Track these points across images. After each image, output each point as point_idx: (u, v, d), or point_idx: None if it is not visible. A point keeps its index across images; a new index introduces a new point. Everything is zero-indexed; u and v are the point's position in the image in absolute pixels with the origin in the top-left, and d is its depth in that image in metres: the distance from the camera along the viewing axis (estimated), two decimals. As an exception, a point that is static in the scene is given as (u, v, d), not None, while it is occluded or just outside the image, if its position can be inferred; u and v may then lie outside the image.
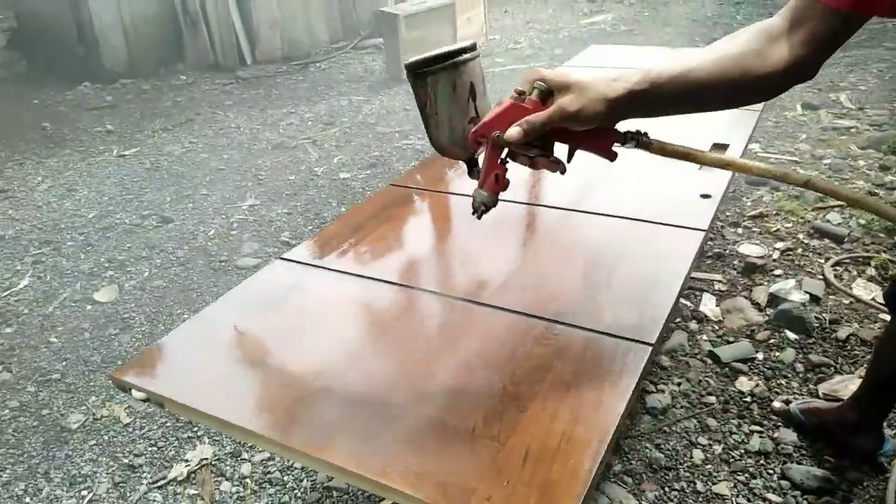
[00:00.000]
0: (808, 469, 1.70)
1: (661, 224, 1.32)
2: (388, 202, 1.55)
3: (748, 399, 1.96)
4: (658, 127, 0.93)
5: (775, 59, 0.87)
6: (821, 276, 2.43)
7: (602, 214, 1.38)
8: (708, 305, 2.36)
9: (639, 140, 0.96)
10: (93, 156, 4.35)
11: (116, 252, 3.16)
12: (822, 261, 2.52)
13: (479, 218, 0.98)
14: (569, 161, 0.98)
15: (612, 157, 0.97)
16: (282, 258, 1.38)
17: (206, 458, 1.97)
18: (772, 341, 2.17)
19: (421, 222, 1.46)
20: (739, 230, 2.79)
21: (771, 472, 1.73)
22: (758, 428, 1.87)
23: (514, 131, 0.90)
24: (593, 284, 1.17)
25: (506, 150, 0.96)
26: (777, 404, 1.91)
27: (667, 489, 1.72)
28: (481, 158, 0.96)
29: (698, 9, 6.64)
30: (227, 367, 1.06)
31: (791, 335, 2.18)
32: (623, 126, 0.95)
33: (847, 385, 1.92)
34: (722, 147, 1.62)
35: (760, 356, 2.12)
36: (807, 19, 0.85)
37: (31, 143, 4.64)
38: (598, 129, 0.93)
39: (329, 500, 1.79)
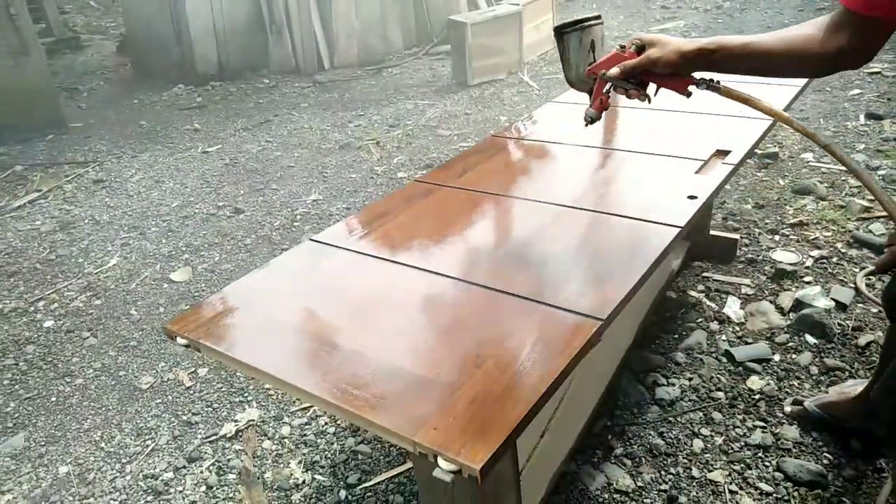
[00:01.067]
0: (803, 463, 1.77)
1: (643, 220, 1.45)
2: (411, 195, 1.75)
3: (757, 396, 2.03)
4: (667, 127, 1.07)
5: (828, 46, 1.14)
6: (852, 285, 2.45)
7: (592, 210, 1.52)
8: (732, 308, 2.42)
9: (709, 84, 1.29)
10: (180, 151, 4.78)
11: (193, 238, 3.50)
12: (857, 270, 2.52)
13: (586, 126, 1.44)
14: (655, 95, 1.37)
15: (687, 94, 1.33)
16: (311, 239, 1.60)
17: (253, 420, 2.22)
18: (790, 344, 2.22)
19: (432, 213, 1.64)
20: (777, 237, 2.81)
21: (767, 464, 1.81)
22: (761, 423, 1.94)
23: (614, 70, 1.33)
24: (567, 269, 1.32)
25: (608, 84, 1.37)
26: (788, 408, 1.96)
27: (663, 473, 1.82)
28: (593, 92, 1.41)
29: (775, 16, 6.51)
30: (251, 323, 1.28)
31: (811, 339, 2.22)
32: (699, 75, 1.29)
33: (856, 388, 1.96)
34: (724, 153, 1.72)
35: (777, 358, 2.17)
36: (845, 21, 1.11)
37: (129, 138, 5.14)
38: (676, 74, 1.28)
39: (354, 461, 2.00)
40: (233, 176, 4.26)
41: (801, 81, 2.17)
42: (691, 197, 1.52)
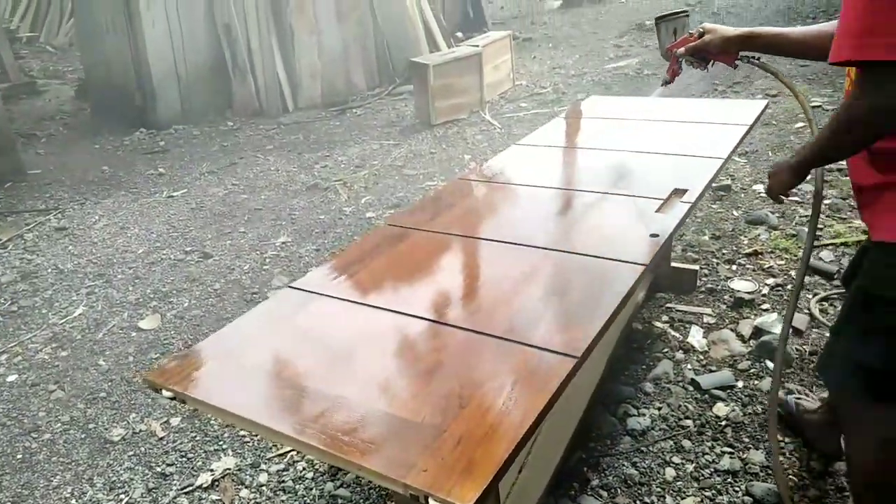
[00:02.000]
0: (770, 486, 1.84)
1: (610, 259, 1.52)
2: (384, 239, 1.80)
3: (723, 423, 2.11)
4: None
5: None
6: (807, 311, 2.56)
7: (561, 251, 1.60)
8: (695, 337, 2.51)
9: (750, 59, 1.81)
10: (144, 196, 4.75)
11: (161, 284, 3.48)
12: (811, 296, 2.65)
13: (662, 87, 2.03)
14: (712, 65, 1.89)
15: (734, 66, 1.84)
16: (289, 286, 1.63)
17: (229, 469, 2.21)
18: (752, 371, 2.31)
19: (405, 257, 1.69)
20: (734, 267, 2.94)
21: (737, 489, 1.87)
22: (729, 449, 2.01)
23: (681, 49, 1.87)
24: (540, 308, 1.38)
25: (680, 59, 1.90)
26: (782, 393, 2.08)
27: (638, 502, 1.87)
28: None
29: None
30: (237, 372, 1.30)
31: (771, 365, 2.32)
32: (742, 53, 1.79)
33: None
34: (681, 192, 1.82)
35: (740, 384, 2.26)
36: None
37: (91, 184, 5.09)
38: (726, 51, 1.78)
39: (334, 506, 2.00)
40: (200, 220, 4.26)
41: (751, 120, 2.31)
42: (654, 235, 1.60)
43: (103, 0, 6.25)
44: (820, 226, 3.17)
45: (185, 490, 2.14)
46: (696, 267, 2.86)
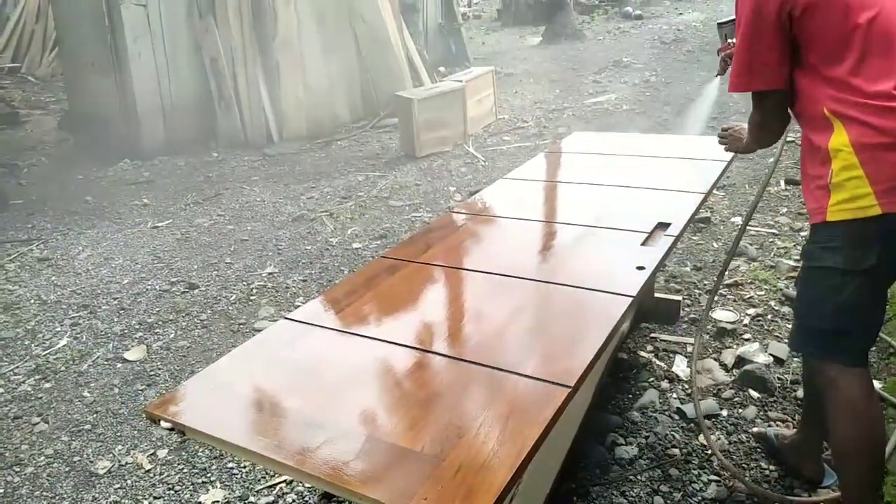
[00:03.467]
0: (756, 514, 1.87)
1: (599, 291, 1.57)
2: (377, 272, 1.83)
3: (709, 452, 2.15)
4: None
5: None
6: (786, 341, 2.63)
7: (551, 283, 1.64)
8: (680, 367, 2.56)
9: None
10: (129, 227, 4.74)
11: (146, 315, 3.47)
12: (790, 326, 2.72)
13: (716, 76, 2.23)
14: None
15: None
16: (285, 318, 1.65)
17: (218, 501, 2.19)
18: (736, 399, 2.36)
19: (399, 289, 1.73)
20: (716, 298, 3.00)
21: (724, 517, 1.91)
22: (715, 478, 2.04)
23: (723, 53, 2.05)
24: (533, 339, 1.42)
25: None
26: (756, 429, 2.17)
27: (627, 531, 1.89)
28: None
29: (698, 88, 7.02)
30: (235, 403, 1.32)
31: (754, 394, 2.37)
32: None
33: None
34: (665, 225, 1.89)
35: (724, 413, 2.31)
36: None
37: (75, 215, 5.07)
38: None
39: (324, 538, 2.00)
40: (185, 251, 4.26)
41: (729, 156, 2.39)
42: (640, 268, 1.66)
43: (89, 33, 6.30)
44: (797, 256, 3.27)
45: (172, 524, 2.12)
46: (679, 297, 2.92)
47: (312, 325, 1.58)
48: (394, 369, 1.39)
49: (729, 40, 2.06)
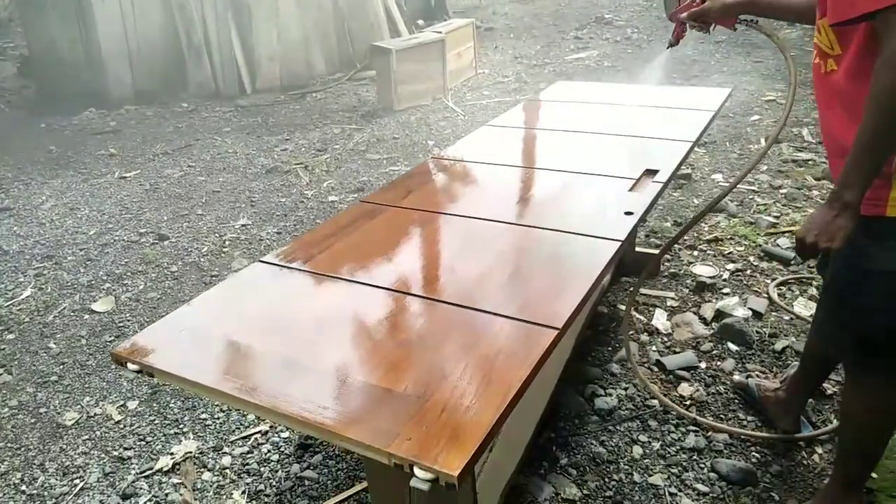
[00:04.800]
0: (735, 462, 1.88)
1: (586, 235, 1.52)
2: (356, 216, 1.76)
3: (688, 402, 2.15)
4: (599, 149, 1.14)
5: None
6: (766, 295, 2.63)
7: (537, 227, 1.59)
8: (660, 320, 2.55)
9: (748, 23, 1.86)
10: (95, 177, 4.57)
11: (114, 266, 3.35)
12: (769, 281, 2.72)
13: (668, 49, 2.14)
14: (714, 29, 1.94)
15: (734, 29, 1.91)
16: (261, 261, 1.58)
17: (190, 452, 2.14)
18: (714, 352, 2.36)
19: (379, 233, 1.66)
20: (695, 253, 2.99)
21: (702, 466, 1.91)
22: (694, 428, 2.04)
23: (684, 14, 1.93)
24: (519, 282, 1.37)
25: (684, 24, 1.97)
26: (737, 377, 2.18)
27: (606, 480, 1.89)
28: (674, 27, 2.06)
29: (679, 48, 6.94)
30: (208, 345, 1.25)
31: (732, 347, 2.37)
32: (742, 17, 1.86)
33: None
34: (653, 172, 1.84)
35: (703, 365, 2.31)
36: None
37: (37, 164, 4.87)
38: (724, 16, 1.85)
39: (301, 488, 1.96)
40: (154, 202, 4.12)
41: (716, 106, 2.34)
42: (628, 213, 1.61)
43: (49, -28, 5.98)
44: (776, 213, 3.26)
45: (144, 474, 2.07)
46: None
47: (288, 267, 1.51)
48: (373, 312, 1.33)
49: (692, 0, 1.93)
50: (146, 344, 1.25)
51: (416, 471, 0.93)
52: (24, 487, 2.07)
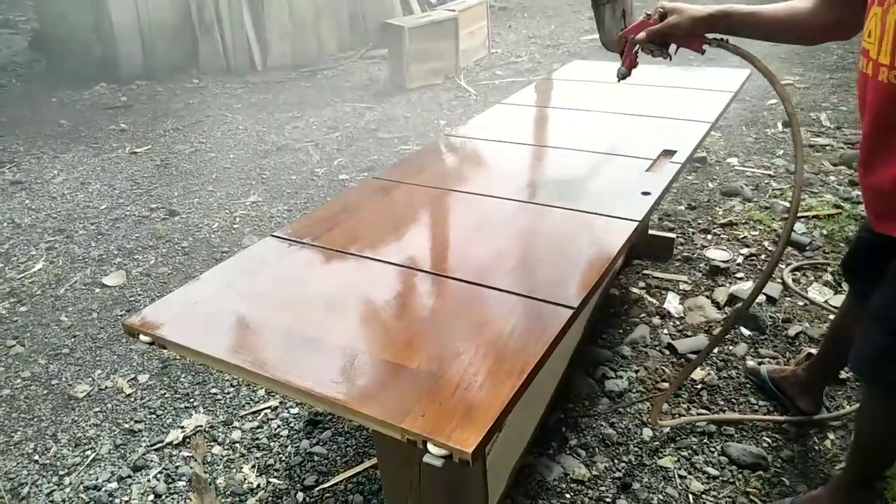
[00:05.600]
0: (745, 447, 1.87)
1: (603, 215, 1.50)
2: (370, 192, 1.74)
3: (699, 386, 2.13)
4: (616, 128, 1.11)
5: (821, 20, 1.36)
6: (780, 280, 2.60)
7: (554, 206, 1.57)
8: (672, 303, 2.53)
9: (719, 42, 1.51)
10: (106, 152, 4.57)
11: (125, 241, 3.36)
12: (783, 266, 2.69)
13: (619, 81, 1.68)
14: (675, 53, 1.59)
15: (701, 52, 1.54)
16: (273, 235, 1.57)
17: (201, 426, 2.15)
18: (727, 336, 2.34)
19: (395, 209, 1.65)
20: (709, 236, 2.96)
21: (712, 449, 1.90)
22: (705, 412, 2.03)
23: (641, 35, 1.54)
24: (533, 261, 1.35)
25: (637, 46, 1.58)
26: (750, 363, 2.14)
27: (616, 461, 1.88)
28: (625, 53, 1.64)
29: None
30: (222, 319, 1.24)
31: (745, 332, 2.35)
32: (711, 36, 1.51)
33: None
34: (671, 153, 1.81)
35: (715, 349, 2.29)
36: None
37: (48, 138, 4.87)
38: (692, 35, 1.50)
39: (310, 463, 1.97)
40: (165, 177, 4.11)
41: (735, 87, 2.30)
42: (645, 193, 1.59)
43: (61, -55, 5.93)
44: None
45: (154, 447, 2.08)
46: (673, 235, 2.87)
47: (300, 242, 1.50)
48: (385, 288, 1.32)
49: (644, 14, 1.55)
50: (158, 316, 1.25)
51: (430, 447, 0.92)
52: (36, 457, 2.08)
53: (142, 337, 1.20)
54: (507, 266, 1.33)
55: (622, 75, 1.67)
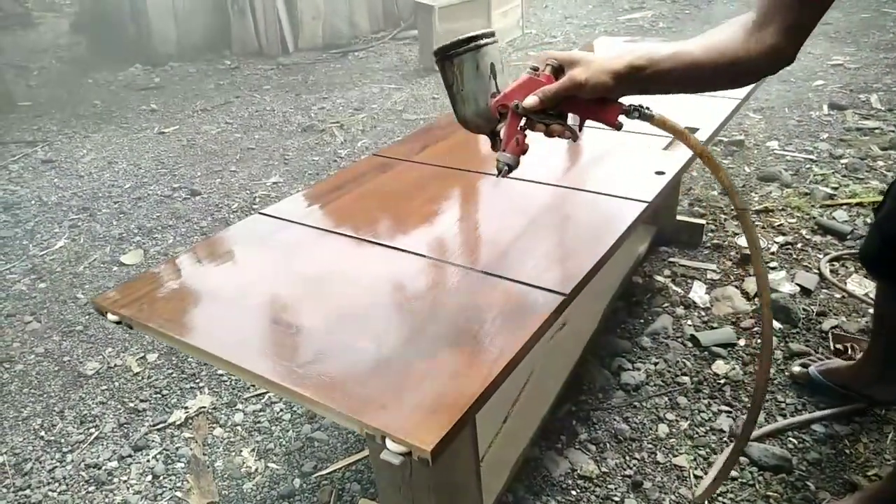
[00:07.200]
0: (768, 447, 1.74)
1: (610, 196, 1.39)
2: (367, 170, 1.66)
3: (722, 381, 2.00)
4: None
5: (754, 48, 0.93)
6: (816, 271, 2.44)
7: (557, 186, 1.46)
8: (698, 293, 2.39)
9: (641, 112, 1.04)
10: (135, 132, 4.60)
11: (145, 220, 3.36)
12: (821, 256, 2.52)
13: (502, 177, 1.08)
14: (580, 130, 1.08)
15: (617, 126, 1.05)
16: (260, 213, 1.50)
17: (204, 407, 2.12)
18: (755, 329, 2.20)
19: (389, 188, 1.56)
20: (742, 223, 2.79)
21: (732, 449, 1.77)
22: (727, 408, 1.90)
23: (531, 99, 1.01)
24: (528, 243, 1.25)
25: (524, 119, 1.04)
26: (796, 369, 1.96)
27: (627, 458, 1.78)
28: (503, 132, 1.06)
29: (742, 8, 6.54)
30: (193, 298, 1.18)
31: (776, 324, 2.20)
32: (627, 100, 1.03)
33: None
34: (693, 130, 1.67)
35: (742, 342, 2.15)
36: (776, 10, 0.91)
37: (82, 118, 4.93)
38: (604, 100, 1.01)
39: (310, 449, 1.92)
40: (190, 157, 4.11)
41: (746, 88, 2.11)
42: (659, 172, 1.47)
43: (98, -74, 5.98)
44: (835, 184, 3.02)
45: (157, 426, 2.06)
46: (703, 221, 2.71)
47: (288, 220, 1.43)
48: (372, 270, 1.24)
49: (530, 71, 1.04)
50: (130, 294, 1.19)
51: (388, 443, 0.84)
52: (42, 433, 2.08)
53: (109, 316, 1.15)
54: (497, 249, 1.24)
55: (508, 167, 1.06)
